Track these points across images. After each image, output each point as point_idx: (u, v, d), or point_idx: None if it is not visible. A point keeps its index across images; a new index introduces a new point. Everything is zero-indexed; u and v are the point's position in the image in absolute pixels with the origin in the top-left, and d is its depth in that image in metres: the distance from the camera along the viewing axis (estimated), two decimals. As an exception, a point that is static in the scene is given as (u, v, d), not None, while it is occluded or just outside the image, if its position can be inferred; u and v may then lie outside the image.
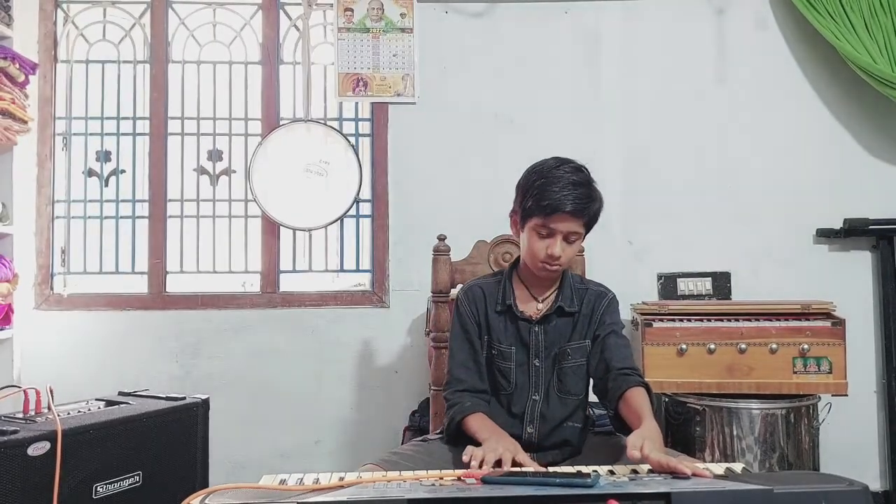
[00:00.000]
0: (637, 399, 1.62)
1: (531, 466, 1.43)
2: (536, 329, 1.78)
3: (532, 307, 1.81)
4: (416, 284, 3.03)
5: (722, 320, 2.60)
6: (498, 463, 1.41)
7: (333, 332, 3.07)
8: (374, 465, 1.58)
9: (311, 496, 1.18)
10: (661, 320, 2.61)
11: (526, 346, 1.78)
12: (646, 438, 1.40)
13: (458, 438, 1.72)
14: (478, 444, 1.54)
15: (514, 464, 1.43)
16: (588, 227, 1.72)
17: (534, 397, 1.77)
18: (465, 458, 1.44)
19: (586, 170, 1.71)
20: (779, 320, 2.58)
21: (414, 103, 3.10)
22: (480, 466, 1.39)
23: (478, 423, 1.66)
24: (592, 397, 1.83)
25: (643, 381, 1.70)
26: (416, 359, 3.05)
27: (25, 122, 2.82)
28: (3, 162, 2.83)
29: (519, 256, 1.84)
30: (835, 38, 2.96)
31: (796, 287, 3.00)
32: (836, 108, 3.15)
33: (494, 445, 1.47)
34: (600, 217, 1.73)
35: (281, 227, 3.12)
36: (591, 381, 1.81)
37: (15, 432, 1.79)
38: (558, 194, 1.64)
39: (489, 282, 1.85)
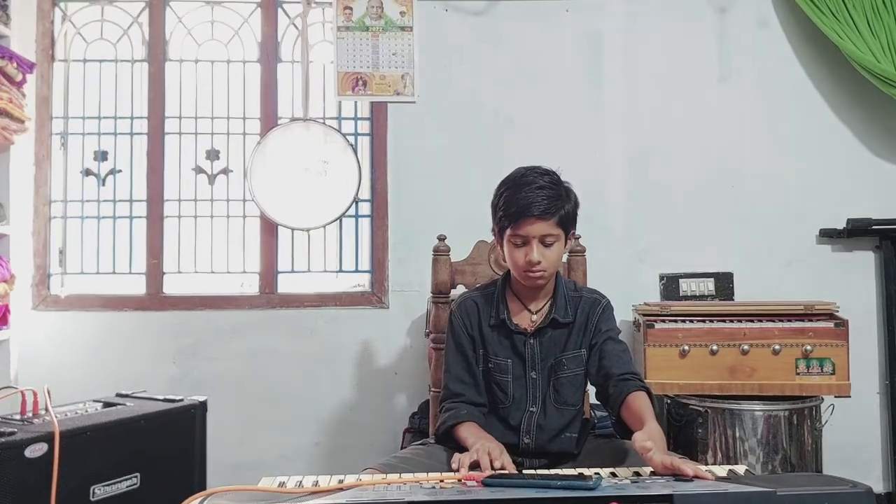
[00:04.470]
0: (638, 403, 1.63)
1: (510, 469, 1.43)
2: (532, 341, 1.77)
3: (526, 319, 1.80)
4: (415, 285, 3.01)
5: (724, 321, 2.58)
6: (478, 464, 1.41)
7: (332, 334, 3.05)
8: (374, 469, 1.57)
9: (310, 499, 1.17)
10: (663, 321, 2.60)
11: (522, 359, 1.77)
12: (651, 438, 1.39)
13: (447, 442, 1.72)
14: (465, 450, 1.53)
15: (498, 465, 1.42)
16: (564, 227, 1.70)
17: (531, 409, 1.77)
18: (453, 465, 1.44)
19: (554, 173, 1.71)
20: (781, 321, 2.56)
21: (414, 102, 3.08)
22: (470, 469, 1.38)
23: (467, 431, 1.66)
24: (593, 399, 1.81)
25: (644, 385, 1.70)
26: (416, 360, 3.03)
27: (22, 122, 2.81)
28: (0, 162, 2.82)
29: None
30: (837, 36, 2.94)
31: (799, 288, 2.98)
32: (839, 108, 3.13)
33: (477, 448, 1.47)
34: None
35: (279, 227, 3.10)
36: (593, 388, 1.80)
37: (12, 434, 1.77)
38: (523, 200, 1.64)
39: (483, 294, 1.84)
